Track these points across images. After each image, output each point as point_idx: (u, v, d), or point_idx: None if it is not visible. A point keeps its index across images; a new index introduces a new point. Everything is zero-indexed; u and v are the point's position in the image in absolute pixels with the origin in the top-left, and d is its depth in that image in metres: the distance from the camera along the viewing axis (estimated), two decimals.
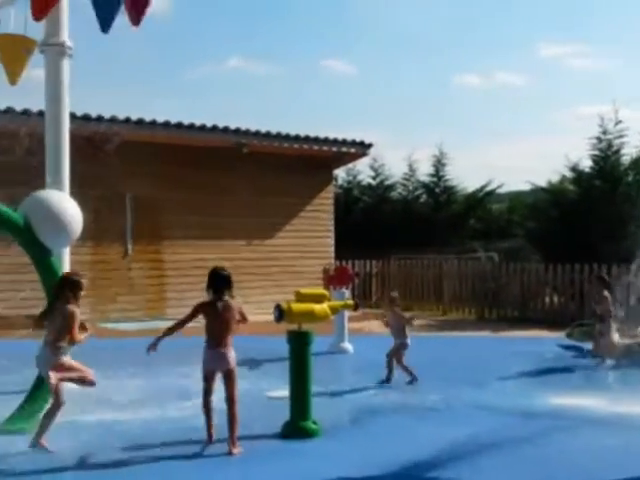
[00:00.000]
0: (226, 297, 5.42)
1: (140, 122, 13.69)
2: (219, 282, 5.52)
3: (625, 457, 5.14)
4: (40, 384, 5.80)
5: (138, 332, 12.33)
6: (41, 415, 5.32)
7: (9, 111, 12.35)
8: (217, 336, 5.31)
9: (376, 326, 13.18)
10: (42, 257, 5.98)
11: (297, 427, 5.52)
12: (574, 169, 17.85)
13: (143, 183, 14.06)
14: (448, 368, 8.92)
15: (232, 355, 5.38)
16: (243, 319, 5.49)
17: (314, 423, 5.58)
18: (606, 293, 10.60)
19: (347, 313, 10.02)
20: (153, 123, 13.84)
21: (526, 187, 20.40)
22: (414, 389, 7.57)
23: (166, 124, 13.98)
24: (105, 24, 7.83)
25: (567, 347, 10.31)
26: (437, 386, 7.70)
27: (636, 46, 55.94)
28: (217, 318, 5.34)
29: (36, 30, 7.70)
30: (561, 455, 5.21)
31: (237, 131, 14.85)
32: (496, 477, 4.70)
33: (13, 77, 7.62)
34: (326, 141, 16.14)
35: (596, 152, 17.49)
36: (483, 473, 4.73)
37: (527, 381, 8.24)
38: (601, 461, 5.05)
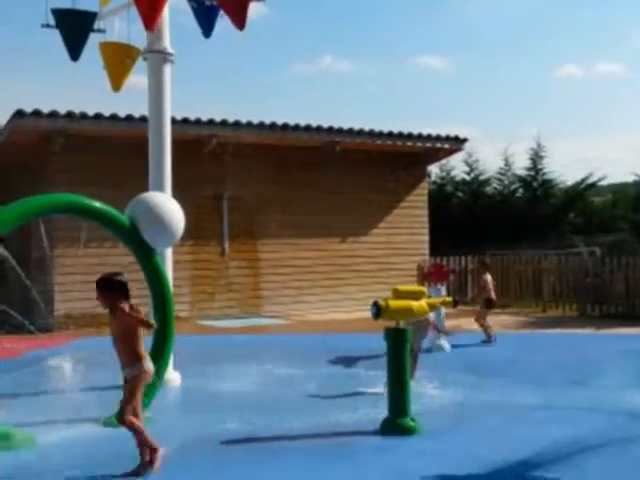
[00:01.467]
0: (122, 304, 4.71)
1: (236, 124, 14.00)
2: (111, 288, 4.77)
3: None
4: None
5: (237, 329, 12.66)
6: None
7: (114, 117, 12.89)
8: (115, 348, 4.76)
9: (472, 324, 13.01)
10: (147, 257, 6.21)
11: (396, 424, 5.52)
12: None
13: (239, 183, 14.39)
14: (550, 366, 8.68)
15: (132, 367, 4.68)
16: (145, 325, 4.75)
17: (412, 420, 5.56)
18: (487, 277, 10.39)
19: (444, 310, 9.92)
20: (249, 124, 14.12)
21: (630, 179, 19.60)
22: (516, 387, 7.40)
23: (260, 125, 14.23)
24: (207, 29, 8.10)
25: None
26: (539, 384, 7.52)
27: None
28: (110, 328, 4.77)
29: (136, 37, 8.03)
30: None
31: (330, 130, 14.94)
32: (600, 477, 4.55)
33: (117, 84, 7.97)
34: (420, 137, 15.99)
35: None
36: (588, 474, 4.60)
37: (633, 380, 7.91)
38: None
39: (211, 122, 13.78)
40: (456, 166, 23.34)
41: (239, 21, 7.17)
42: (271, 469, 4.74)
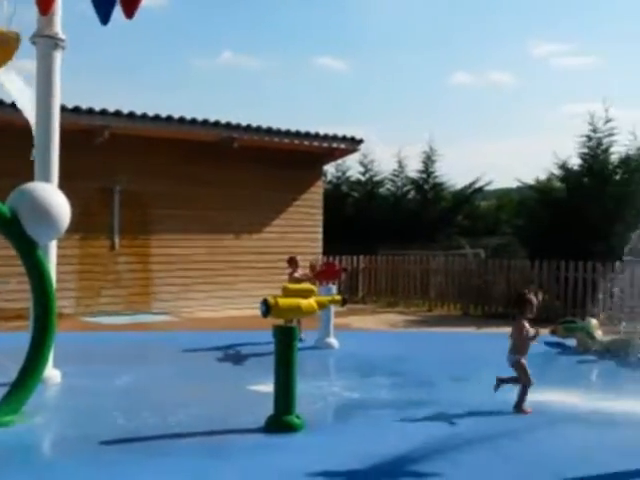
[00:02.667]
0: None
1: (131, 115, 13.67)
2: None
3: (601, 453, 5.22)
4: (23, 376, 5.83)
5: (124, 326, 12.37)
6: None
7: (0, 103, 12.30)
8: None
9: (361, 321, 13.27)
10: (28, 250, 5.98)
11: (280, 421, 5.56)
12: (563, 167, 17.96)
13: (132, 177, 14.06)
14: (434, 364, 8.98)
15: None
16: None
17: (297, 417, 5.62)
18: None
19: (334, 308, 10.07)
20: (144, 116, 13.82)
21: (514, 185, 20.52)
22: (399, 385, 7.61)
23: (156, 117, 13.96)
24: (104, 16, 7.84)
25: (551, 344, 10.41)
26: (422, 381, 7.77)
27: (626, 45, 56.21)
28: None
29: (26, 21, 7.69)
30: (539, 450, 5.27)
31: (227, 125, 14.85)
32: (475, 472, 4.76)
33: None
34: (316, 136, 16.16)
35: (585, 150, 17.60)
36: (462, 468, 4.80)
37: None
38: (577, 456, 5.13)
39: (104, 112, 13.39)
40: (352, 166, 23.71)
41: (129, 9, 7.00)
42: (151, 467, 4.68)
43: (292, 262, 10.83)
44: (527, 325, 6.54)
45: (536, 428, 5.91)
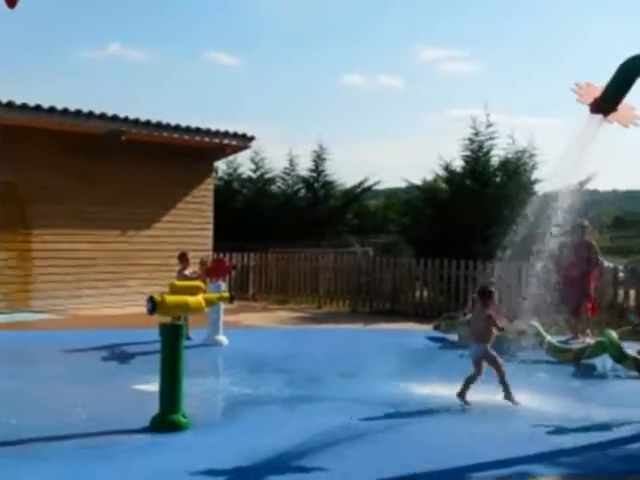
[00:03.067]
0: None
1: (9, 105, 13.00)
2: None
3: (482, 444, 5.44)
4: None
5: (1, 325, 11.80)
6: None
7: None
8: None
9: (251, 319, 13.26)
10: None
11: (166, 421, 5.48)
12: (447, 169, 18.59)
13: (11, 169, 13.38)
14: (322, 360, 9.09)
15: None
16: None
17: (184, 416, 5.55)
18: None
19: (223, 305, 10.00)
20: (23, 106, 13.19)
21: (402, 185, 21.06)
22: (289, 380, 7.66)
23: (37, 108, 13.37)
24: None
25: (434, 339, 10.78)
26: (310, 377, 7.85)
27: (506, 53, 58.89)
28: None
29: None
30: (423, 443, 5.46)
31: (114, 118, 14.42)
32: (358, 464, 4.86)
33: None
34: (207, 132, 15.96)
35: (467, 153, 18.30)
36: (347, 461, 4.89)
37: (395, 372, 8.52)
38: (459, 448, 5.33)
39: None
40: (243, 163, 23.59)
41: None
42: (29, 473, 4.49)
43: (183, 258, 10.67)
44: (494, 314, 6.80)
45: (419, 421, 6.11)
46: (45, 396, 6.65)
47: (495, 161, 18.32)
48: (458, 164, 18.48)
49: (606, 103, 6.18)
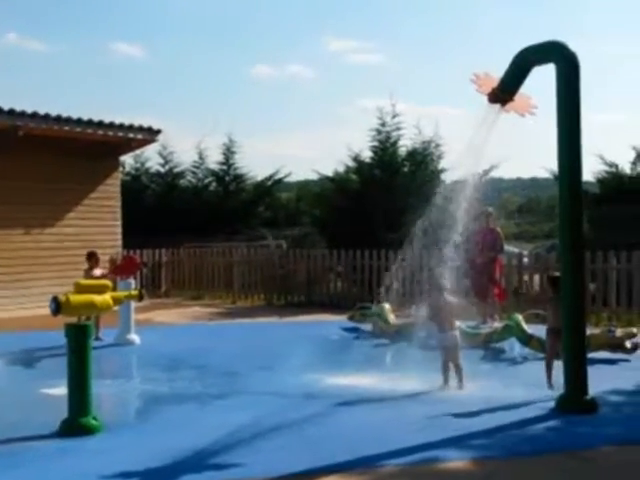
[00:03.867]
0: None
1: None
2: None
3: (395, 430, 5.52)
4: None
5: None
6: None
7: None
8: None
9: (164, 316, 13.04)
10: None
11: (76, 424, 5.29)
12: (356, 159, 18.79)
13: None
14: (236, 355, 9.03)
15: None
16: None
17: (94, 419, 5.39)
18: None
19: (134, 304, 9.77)
20: None
21: (314, 176, 21.13)
22: (203, 377, 7.55)
23: None
24: None
25: (349, 329, 10.87)
26: (225, 373, 7.78)
27: (412, 44, 59.98)
28: None
29: None
30: (339, 432, 5.48)
31: (11, 112, 13.80)
32: (275, 457, 4.85)
33: None
34: (111, 126, 15.51)
35: (376, 143, 18.56)
36: (263, 454, 4.87)
37: (310, 363, 8.53)
38: (374, 435, 5.38)
39: None
40: (151, 157, 23.11)
41: None
42: None
43: (92, 258, 10.28)
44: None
45: (335, 411, 6.14)
46: None
47: (403, 151, 18.67)
48: (367, 155, 18.72)
49: (503, 93, 6.37)
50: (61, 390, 6.03)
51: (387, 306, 10.51)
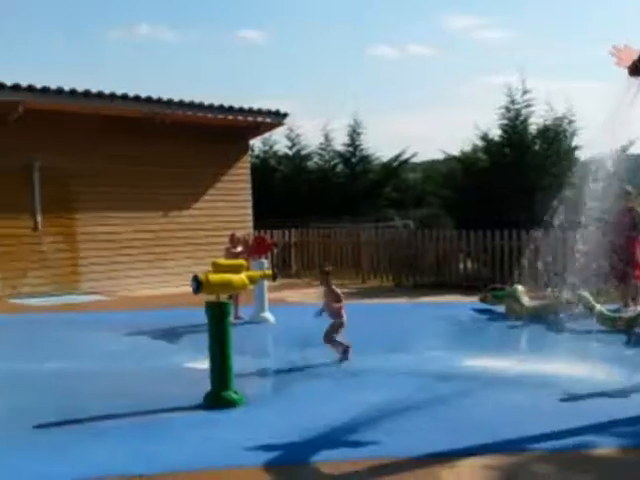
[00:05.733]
0: None
1: (45, 90, 13.13)
2: None
3: (532, 415, 5.36)
4: None
5: (52, 307, 12.02)
6: None
7: None
8: None
9: (296, 295, 13.30)
10: None
11: (218, 397, 5.51)
12: (484, 138, 18.32)
13: (53, 153, 13.55)
14: (368, 335, 9.04)
15: None
16: None
17: (235, 393, 5.58)
18: None
19: (267, 283, 10.02)
20: (59, 91, 13.31)
21: (440, 156, 20.81)
22: (335, 356, 7.64)
23: (72, 92, 13.46)
24: None
25: (481, 311, 10.66)
26: (357, 352, 7.82)
27: (539, 17, 57.62)
28: None
29: None
30: (473, 415, 5.38)
31: (149, 100, 14.46)
32: (410, 438, 4.82)
33: None
34: (241, 110, 15.94)
35: (505, 121, 17.99)
36: (397, 435, 4.86)
37: (443, 344, 8.48)
38: (510, 420, 5.25)
39: (16, 87, 12.80)
40: (279, 140, 23.57)
41: None
42: (92, 449, 4.56)
43: (233, 238, 10.68)
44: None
45: (469, 393, 6.04)
46: (98, 375, 6.73)
47: (533, 129, 18.00)
48: (496, 133, 18.20)
49: None
50: (203, 364, 6.31)
51: (521, 288, 10.21)
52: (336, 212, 19.66)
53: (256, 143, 22.29)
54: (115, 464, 4.28)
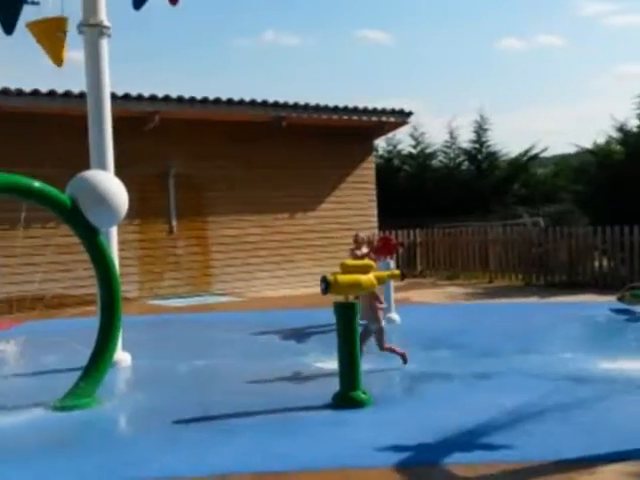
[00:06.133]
0: None
1: (180, 100, 13.75)
2: None
3: None
4: (95, 359, 5.96)
5: (187, 308, 12.56)
6: None
7: (51, 93, 12.51)
8: None
9: (421, 295, 13.18)
10: (90, 237, 6.08)
11: (347, 397, 5.55)
12: (621, 129, 17.42)
13: (185, 160, 14.19)
14: (497, 335, 8.84)
15: None
16: None
17: (364, 393, 5.60)
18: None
19: (393, 283, 9.99)
20: (192, 100, 13.89)
21: (571, 150, 20.00)
22: (465, 357, 7.51)
23: (204, 100, 14.02)
24: (137, 1, 7.85)
25: (619, 311, 10.14)
26: (487, 353, 7.66)
27: None
28: None
29: (72, 9, 7.77)
30: (609, 420, 5.13)
31: (275, 104, 14.82)
32: (545, 441, 4.65)
33: (57, 59, 7.69)
34: (365, 111, 16.01)
35: None
36: (534, 438, 4.70)
37: (578, 346, 8.12)
38: None
39: (153, 98, 13.51)
40: (403, 140, 23.51)
41: None
42: (227, 445, 4.72)
43: (357, 239, 10.68)
44: None
45: (607, 397, 5.75)
46: (230, 373, 6.96)
47: None
48: (633, 124, 17.26)
49: None
50: (331, 364, 6.38)
51: None
52: (462, 210, 19.33)
53: (380, 143, 22.32)
54: (248, 461, 4.40)
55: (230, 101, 14.30)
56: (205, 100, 14.02)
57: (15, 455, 4.57)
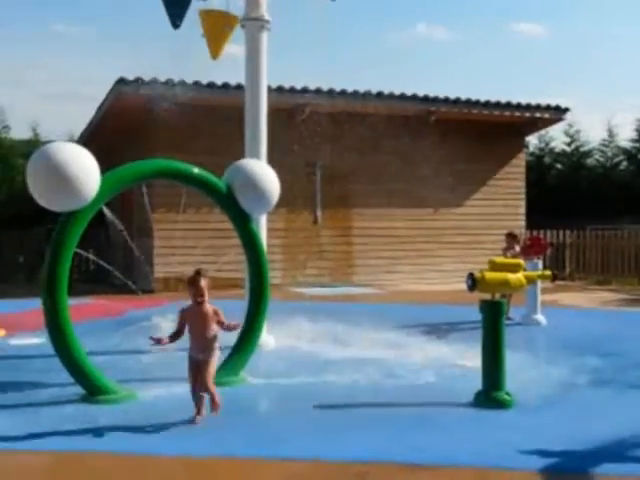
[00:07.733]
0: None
1: (330, 92, 13.96)
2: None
3: None
4: (242, 340, 6.20)
5: (329, 297, 12.77)
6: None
7: (211, 85, 13.09)
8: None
9: (571, 298, 12.65)
10: (243, 223, 6.31)
11: (490, 397, 5.43)
12: None
13: (333, 152, 14.38)
14: None
15: None
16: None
17: (507, 394, 5.46)
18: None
19: (540, 284, 9.66)
20: (342, 93, 14.06)
21: None
22: (615, 366, 7.12)
23: (354, 93, 14.14)
24: None
25: None
26: (637, 363, 7.23)
27: None
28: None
29: (234, 5, 8.08)
30: None
31: (426, 98, 14.70)
32: None
33: (216, 52, 8.06)
34: (518, 107, 15.54)
35: None
36: None
37: None
38: None
39: (305, 90, 13.80)
40: (555, 137, 22.59)
41: None
42: (363, 433, 4.76)
43: (510, 237, 10.42)
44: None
45: None
46: (376, 363, 6.95)
47: None
48: None
49: None
50: (473, 362, 6.25)
51: None
52: (619, 213, 18.32)
53: (531, 140, 21.60)
54: (387, 451, 4.42)
55: (379, 94, 14.33)
56: (355, 93, 14.15)
57: (162, 428, 4.83)
